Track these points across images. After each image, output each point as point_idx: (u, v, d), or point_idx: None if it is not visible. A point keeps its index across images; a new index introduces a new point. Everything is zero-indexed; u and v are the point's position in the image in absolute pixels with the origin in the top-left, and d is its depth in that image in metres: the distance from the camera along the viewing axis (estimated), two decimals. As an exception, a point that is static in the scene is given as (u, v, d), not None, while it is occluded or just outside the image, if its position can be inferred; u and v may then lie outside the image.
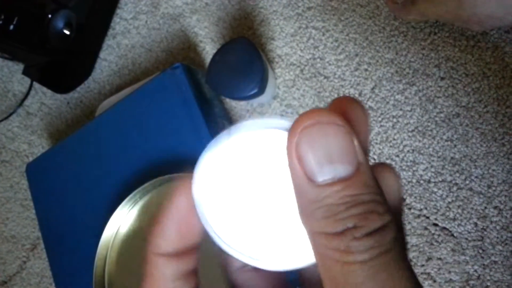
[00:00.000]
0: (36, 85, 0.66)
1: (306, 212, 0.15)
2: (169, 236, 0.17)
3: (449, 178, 0.48)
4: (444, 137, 0.48)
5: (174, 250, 0.17)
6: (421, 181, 0.48)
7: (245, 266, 0.19)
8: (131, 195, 0.48)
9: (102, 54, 0.63)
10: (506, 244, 0.46)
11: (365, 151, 0.15)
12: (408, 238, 0.48)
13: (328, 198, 0.14)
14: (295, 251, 0.16)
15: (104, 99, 0.61)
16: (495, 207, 0.46)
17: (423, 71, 0.49)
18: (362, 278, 0.13)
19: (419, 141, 0.49)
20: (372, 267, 0.13)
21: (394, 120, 0.50)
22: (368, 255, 0.13)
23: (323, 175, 0.14)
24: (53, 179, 0.56)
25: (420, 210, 0.48)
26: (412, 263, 0.48)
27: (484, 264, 0.46)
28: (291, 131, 0.15)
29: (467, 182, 0.47)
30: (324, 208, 0.14)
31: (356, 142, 0.14)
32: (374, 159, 0.50)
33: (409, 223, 0.48)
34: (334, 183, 0.14)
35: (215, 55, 0.48)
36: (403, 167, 0.49)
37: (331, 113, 0.14)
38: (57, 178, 0.56)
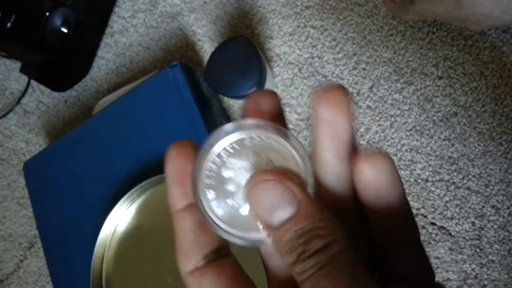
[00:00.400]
0: (33, 83, 0.66)
1: (279, 250, 0.18)
2: (176, 192, 0.20)
3: (446, 177, 0.48)
4: (442, 136, 0.48)
5: (184, 205, 0.20)
6: (419, 180, 0.48)
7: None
8: (128, 194, 0.48)
9: (100, 53, 0.63)
10: (504, 243, 0.46)
11: (352, 142, 0.19)
12: (406, 237, 0.49)
13: (283, 237, 0.18)
14: None
15: (101, 98, 0.61)
16: (493, 206, 0.46)
17: (421, 70, 0.49)
18: (320, 284, 0.17)
19: (417, 140, 0.49)
20: (316, 277, 0.17)
21: (392, 119, 0.50)
22: (312, 270, 0.17)
23: (274, 220, 0.18)
24: (50, 178, 0.56)
25: (418, 209, 0.48)
26: (410, 262, 0.48)
27: (481, 263, 0.46)
28: (247, 191, 0.19)
29: (465, 181, 0.47)
30: (284, 246, 0.18)
31: (290, 185, 0.18)
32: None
33: (407, 222, 0.48)
34: (283, 224, 0.18)
35: (213, 53, 0.48)
36: (401, 166, 0.49)
37: (264, 173, 0.18)
38: (55, 177, 0.56)
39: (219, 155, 0.19)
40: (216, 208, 0.19)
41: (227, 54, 0.47)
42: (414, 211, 0.48)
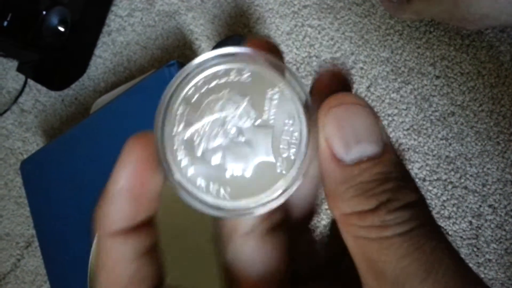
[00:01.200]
0: (30, 82, 0.65)
1: (335, 194, 0.14)
2: (121, 207, 0.15)
3: (444, 177, 0.48)
4: (439, 135, 0.48)
5: (129, 224, 0.15)
6: (416, 180, 0.48)
7: (252, 230, 0.17)
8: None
9: (97, 51, 0.63)
10: (501, 242, 0.46)
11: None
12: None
13: (358, 176, 0.14)
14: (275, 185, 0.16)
15: (99, 97, 0.61)
16: (490, 206, 0.47)
17: (419, 69, 0.49)
18: (404, 250, 0.13)
19: (414, 139, 0.49)
20: (414, 237, 0.13)
21: (390, 118, 0.50)
22: (407, 226, 0.13)
23: (351, 154, 0.14)
24: (47, 177, 0.56)
25: (415, 208, 0.48)
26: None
27: (478, 262, 0.46)
28: (319, 114, 0.15)
29: (462, 180, 0.47)
30: (354, 188, 0.14)
31: (381, 124, 0.14)
32: (369, 158, 0.50)
33: (404, 221, 0.49)
34: (362, 162, 0.14)
35: (210, 52, 0.48)
36: (398, 166, 0.49)
37: (355, 96, 0.15)
38: (52, 176, 0.56)
39: (192, 93, 0.16)
40: (191, 172, 0.15)
41: (225, 53, 0.47)
42: (411, 211, 0.48)
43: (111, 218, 0.15)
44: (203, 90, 0.16)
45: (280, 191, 0.15)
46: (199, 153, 0.16)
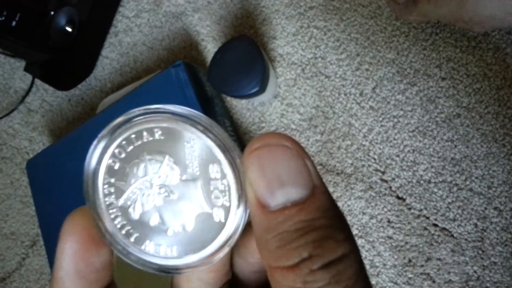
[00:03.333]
0: (37, 82, 0.66)
1: (261, 243, 0.13)
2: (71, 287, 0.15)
3: (449, 179, 0.48)
4: (445, 137, 0.48)
5: None
6: (421, 181, 0.48)
7: None
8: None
9: (103, 52, 0.63)
10: (506, 245, 0.46)
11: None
12: (408, 238, 0.48)
13: (281, 224, 0.13)
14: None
15: (105, 97, 0.61)
16: (495, 208, 0.46)
17: (424, 71, 0.49)
18: None
19: (420, 141, 0.49)
20: None
21: (395, 120, 0.50)
22: None
23: (275, 200, 0.13)
24: (53, 176, 0.56)
25: (420, 210, 0.48)
26: (411, 264, 0.48)
27: (483, 265, 0.46)
28: (244, 157, 0.14)
29: (468, 182, 0.47)
30: (277, 237, 0.13)
31: (309, 164, 0.13)
32: (374, 159, 0.50)
33: (409, 223, 0.48)
34: (286, 208, 0.13)
35: (216, 53, 0.48)
36: (403, 167, 0.49)
37: (280, 135, 0.14)
38: (57, 175, 0.56)
39: (113, 162, 0.16)
40: (135, 236, 0.16)
41: (231, 54, 0.48)
42: (416, 212, 0.48)
43: None
44: (122, 156, 0.16)
45: (222, 241, 0.15)
46: (136, 217, 0.16)
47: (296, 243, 0.12)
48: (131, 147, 0.16)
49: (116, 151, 0.16)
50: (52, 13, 0.55)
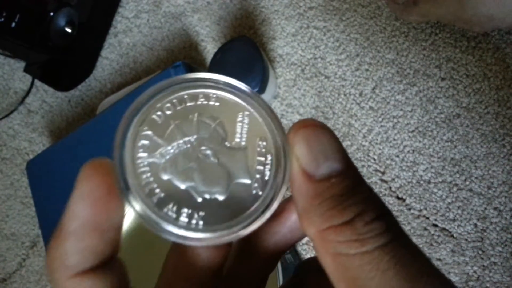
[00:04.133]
0: (37, 83, 0.66)
1: (308, 211, 0.14)
2: (86, 244, 0.14)
3: (449, 179, 0.48)
4: (445, 137, 0.48)
5: (96, 263, 0.14)
6: (421, 182, 0.48)
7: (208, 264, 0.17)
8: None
9: (103, 53, 0.63)
10: (506, 245, 0.46)
11: None
12: (408, 239, 0.48)
13: (329, 190, 0.14)
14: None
15: (105, 98, 0.61)
16: (495, 208, 0.46)
17: (424, 71, 0.49)
18: (386, 264, 0.13)
19: (420, 141, 0.49)
20: (392, 250, 0.13)
21: (395, 120, 0.50)
22: (385, 239, 0.13)
23: (321, 170, 0.14)
24: (53, 177, 0.56)
25: (420, 210, 0.48)
26: (412, 264, 0.48)
27: (483, 265, 0.46)
28: (290, 134, 0.15)
29: (467, 183, 0.47)
30: (327, 201, 0.14)
31: (343, 146, 0.15)
32: (374, 159, 0.50)
33: (409, 223, 0.48)
34: (332, 177, 0.14)
35: (216, 54, 0.48)
36: (403, 168, 0.49)
37: (319, 120, 0.15)
38: (57, 176, 0.56)
39: (158, 116, 0.15)
40: (159, 197, 0.15)
41: (230, 54, 0.48)
42: (416, 213, 0.48)
43: (73, 258, 0.14)
44: (169, 113, 0.15)
45: (257, 213, 0.15)
46: (166, 177, 0.15)
47: (347, 203, 0.14)
48: (182, 106, 0.16)
49: (165, 106, 0.15)
50: (51, 14, 0.55)
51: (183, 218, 0.15)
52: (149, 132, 0.15)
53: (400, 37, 0.50)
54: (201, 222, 0.15)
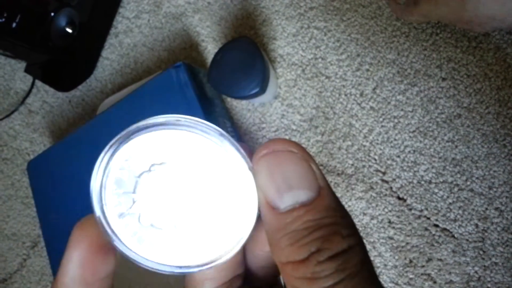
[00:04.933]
0: (38, 83, 0.66)
1: (273, 242, 0.14)
2: None
3: (450, 179, 0.48)
4: (446, 138, 0.48)
5: None
6: (422, 182, 0.48)
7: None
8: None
9: (104, 53, 0.63)
10: (507, 245, 0.46)
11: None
12: (409, 239, 0.48)
13: (291, 224, 0.14)
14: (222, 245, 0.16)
15: (105, 98, 0.61)
16: (496, 209, 0.46)
17: (425, 71, 0.49)
18: None
19: (420, 141, 0.49)
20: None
21: (395, 120, 0.50)
22: (332, 280, 0.13)
23: (284, 202, 0.14)
24: (54, 177, 0.56)
25: (421, 211, 0.48)
26: (412, 264, 0.48)
27: (484, 266, 0.46)
28: (253, 163, 0.15)
29: (468, 183, 0.47)
30: (288, 236, 0.14)
31: (314, 167, 0.14)
32: (375, 160, 0.50)
33: (410, 223, 0.48)
34: (295, 209, 0.14)
35: (216, 54, 0.48)
36: (404, 168, 0.49)
37: (286, 141, 0.15)
38: (58, 176, 0.56)
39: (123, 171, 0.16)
40: (149, 242, 0.16)
41: (231, 55, 0.48)
42: (417, 213, 0.48)
43: None
44: (130, 167, 0.16)
45: (236, 240, 0.16)
46: (148, 223, 0.16)
47: (305, 240, 0.14)
48: (139, 157, 0.16)
49: (125, 161, 0.16)
50: (52, 14, 0.55)
51: (175, 254, 0.16)
52: (120, 190, 0.16)
53: (401, 37, 0.50)
54: (190, 255, 0.16)
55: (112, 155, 0.16)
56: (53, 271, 0.55)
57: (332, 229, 0.14)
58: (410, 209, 0.49)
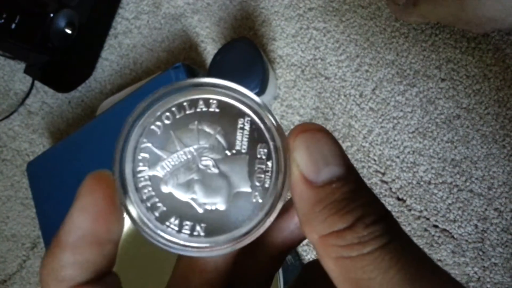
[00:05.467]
0: (37, 84, 0.66)
1: (310, 217, 0.14)
2: (85, 256, 0.14)
3: (449, 180, 0.48)
4: (445, 138, 0.48)
5: (94, 275, 0.14)
6: (421, 183, 0.48)
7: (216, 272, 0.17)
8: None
9: (103, 54, 0.63)
10: (507, 246, 0.46)
11: None
12: (408, 240, 0.48)
13: (330, 195, 0.14)
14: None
15: (105, 99, 0.61)
16: (496, 209, 0.46)
17: (424, 72, 0.49)
18: (387, 263, 0.13)
19: (420, 142, 0.49)
20: (393, 249, 0.13)
21: (395, 121, 0.50)
22: (385, 239, 0.13)
23: (322, 176, 0.14)
24: (53, 178, 0.57)
25: (420, 211, 0.48)
26: (412, 265, 0.48)
27: (484, 266, 0.46)
28: (290, 139, 0.15)
29: (468, 183, 0.47)
30: (328, 207, 0.14)
31: (343, 150, 0.15)
32: (374, 160, 0.50)
33: (409, 224, 0.48)
34: (333, 182, 0.14)
35: (216, 55, 0.48)
36: (404, 169, 0.49)
37: (319, 125, 0.15)
38: (58, 177, 0.56)
39: (157, 126, 0.15)
40: (161, 211, 0.15)
41: (230, 55, 0.48)
42: (417, 214, 0.48)
43: (70, 271, 0.13)
44: (168, 122, 0.15)
45: (258, 221, 0.15)
46: (167, 190, 0.15)
47: (348, 208, 0.14)
48: (181, 114, 0.15)
49: (164, 115, 0.15)
50: (51, 15, 0.55)
51: (185, 231, 0.15)
52: (149, 144, 0.15)
53: (400, 38, 0.50)
54: (203, 234, 0.15)
55: (154, 105, 0.15)
56: (57, 234, 0.55)
57: (370, 198, 0.14)
58: (410, 210, 0.49)
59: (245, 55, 0.47)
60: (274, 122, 0.16)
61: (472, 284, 0.46)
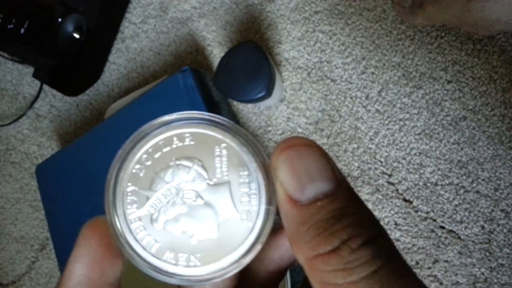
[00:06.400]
0: (46, 87, 0.67)
1: (296, 238, 0.14)
2: None
3: (456, 181, 0.48)
4: (451, 140, 0.48)
5: None
6: (428, 184, 0.49)
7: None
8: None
9: (111, 58, 0.64)
10: (513, 247, 0.46)
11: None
12: (415, 241, 0.49)
13: (316, 215, 0.13)
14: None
15: (113, 102, 0.62)
16: (502, 210, 0.46)
17: (430, 74, 0.49)
18: None
19: (426, 144, 0.49)
20: (381, 278, 0.12)
21: (401, 123, 0.50)
22: (373, 267, 0.12)
23: (307, 194, 0.14)
24: (62, 181, 0.57)
25: (427, 212, 0.48)
26: (419, 266, 0.48)
27: (491, 267, 0.46)
28: (272, 158, 0.15)
29: (474, 185, 0.47)
30: (314, 227, 0.13)
31: (332, 162, 0.14)
32: (381, 162, 0.50)
33: (416, 225, 0.49)
34: (318, 199, 0.14)
35: (222, 58, 0.49)
36: (410, 170, 0.49)
37: (305, 138, 0.15)
38: (66, 180, 0.57)
39: (139, 169, 0.16)
40: (157, 247, 0.15)
41: (237, 59, 0.48)
42: (423, 215, 0.48)
43: None
44: (148, 163, 0.16)
45: (249, 245, 0.15)
46: (160, 227, 0.15)
47: (333, 229, 0.13)
48: (158, 154, 0.16)
49: (143, 157, 0.16)
50: (59, 20, 0.56)
51: (182, 262, 0.15)
52: (135, 188, 0.16)
53: (405, 41, 0.50)
54: (199, 263, 0.15)
55: (133, 149, 0.16)
56: (61, 274, 0.56)
57: (359, 216, 0.13)
58: (416, 211, 0.49)
59: (252, 58, 0.47)
60: (252, 143, 0.16)
61: (479, 285, 0.46)
